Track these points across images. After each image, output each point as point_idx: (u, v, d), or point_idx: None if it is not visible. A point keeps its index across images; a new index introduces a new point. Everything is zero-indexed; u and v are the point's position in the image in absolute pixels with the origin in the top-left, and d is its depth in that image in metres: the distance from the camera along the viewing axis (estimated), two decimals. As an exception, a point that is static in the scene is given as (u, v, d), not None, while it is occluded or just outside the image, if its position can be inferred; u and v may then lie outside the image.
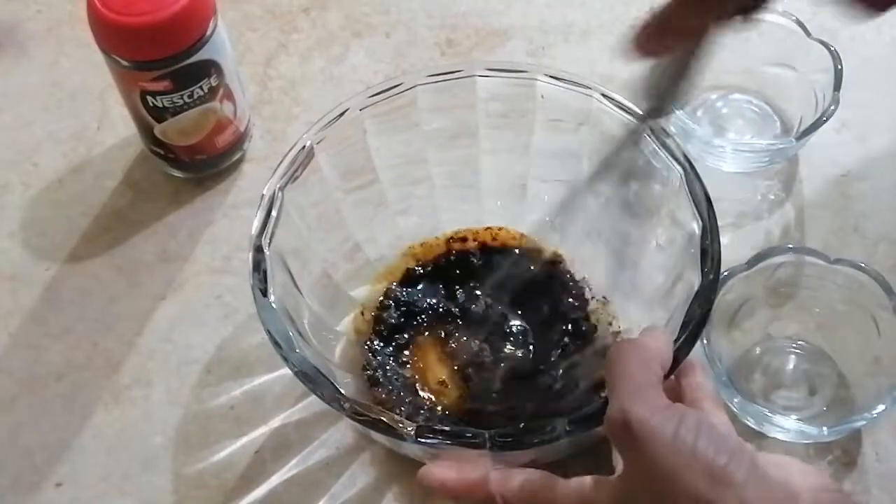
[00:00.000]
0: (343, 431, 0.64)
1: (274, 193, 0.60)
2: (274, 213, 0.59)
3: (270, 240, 0.59)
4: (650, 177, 0.61)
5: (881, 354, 0.62)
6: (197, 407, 0.66)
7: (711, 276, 0.56)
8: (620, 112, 0.62)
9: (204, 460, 0.64)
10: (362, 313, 0.67)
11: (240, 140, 0.75)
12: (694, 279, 0.57)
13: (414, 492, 0.63)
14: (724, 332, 0.64)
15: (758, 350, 0.66)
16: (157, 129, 0.71)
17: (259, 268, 0.58)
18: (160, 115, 0.70)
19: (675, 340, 0.54)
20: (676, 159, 0.60)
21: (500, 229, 0.69)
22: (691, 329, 0.54)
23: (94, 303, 0.71)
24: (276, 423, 0.65)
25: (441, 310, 0.66)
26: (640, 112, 0.59)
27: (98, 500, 0.63)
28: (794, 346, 0.66)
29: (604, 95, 0.62)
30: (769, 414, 0.60)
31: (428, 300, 0.67)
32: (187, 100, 0.69)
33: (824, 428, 0.59)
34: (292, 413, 0.65)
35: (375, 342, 0.65)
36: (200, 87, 0.69)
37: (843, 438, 0.62)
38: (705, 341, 0.60)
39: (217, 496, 0.63)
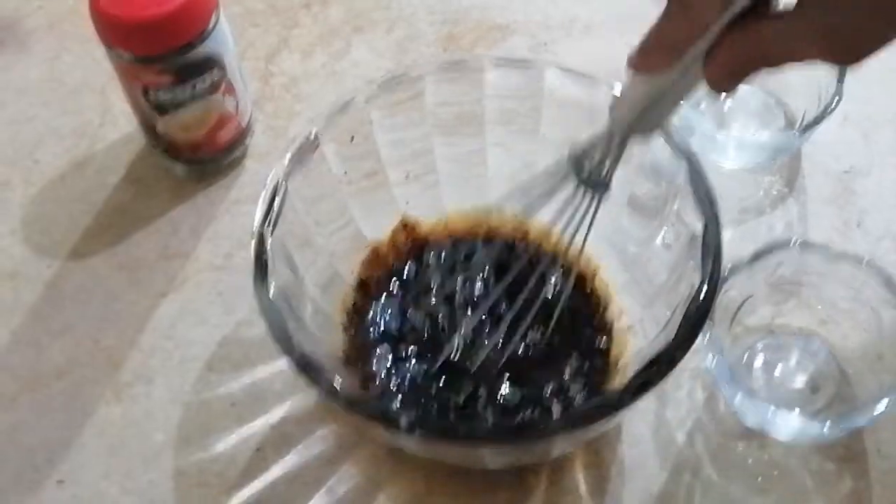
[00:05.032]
0: (345, 427, 0.64)
1: (278, 183, 0.60)
2: (277, 203, 0.59)
3: (273, 229, 0.59)
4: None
5: (884, 351, 0.62)
6: (198, 404, 0.66)
7: (713, 274, 0.56)
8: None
9: (205, 457, 0.64)
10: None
11: (242, 136, 0.75)
12: (696, 276, 0.57)
13: (415, 488, 0.63)
14: (727, 329, 0.64)
15: (760, 346, 0.66)
16: (160, 125, 0.71)
17: (260, 257, 0.57)
18: (162, 109, 0.70)
19: (675, 336, 0.54)
20: (681, 155, 0.60)
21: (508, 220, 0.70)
22: (691, 325, 0.54)
23: (96, 300, 0.71)
24: (277, 419, 0.65)
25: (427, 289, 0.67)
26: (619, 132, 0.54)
27: (99, 497, 0.63)
28: (797, 342, 0.66)
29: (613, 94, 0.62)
30: (771, 411, 0.60)
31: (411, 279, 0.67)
32: (189, 94, 0.69)
33: (826, 425, 0.59)
34: (293, 409, 0.65)
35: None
36: (203, 81, 0.69)
37: (846, 435, 0.62)
38: (707, 337, 0.60)
39: (219, 493, 0.63)
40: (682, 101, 0.50)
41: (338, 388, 0.54)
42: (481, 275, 0.67)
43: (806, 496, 0.61)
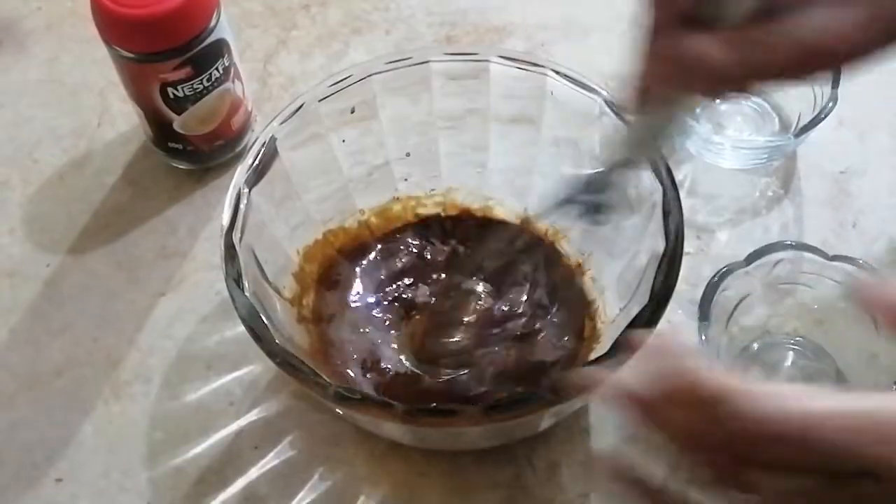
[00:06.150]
0: (341, 424, 0.65)
1: (240, 191, 0.60)
2: (242, 208, 0.60)
3: (241, 235, 0.59)
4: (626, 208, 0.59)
5: (879, 351, 0.62)
6: (197, 403, 0.66)
7: (674, 241, 0.57)
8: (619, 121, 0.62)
9: (204, 456, 0.64)
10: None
11: (249, 119, 0.76)
12: (659, 245, 0.57)
13: (411, 481, 0.63)
14: (723, 329, 0.64)
15: (756, 346, 0.66)
16: (177, 123, 0.71)
17: (234, 261, 0.58)
18: (181, 105, 0.70)
19: (643, 310, 0.55)
20: None
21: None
22: (659, 297, 0.55)
23: (94, 299, 0.71)
24: (274, 417, 0.65)
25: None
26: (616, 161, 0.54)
27: (98, 495, 0.64)
28: (793, 342, 0.66)
29: (606, 102, 0.62)
30: (767, 410, 0.60)
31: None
32: (206, 84, 0.69)
33: (822, 424, 0.59)
34: (290, 407, 0.66)
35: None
36: (217, 69, 0.69)
37: (841, 434, 0.62)
38: (703, 337, 0.60)
39: (217, 491, 0.63)
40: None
41: (323, 381, 0.54)
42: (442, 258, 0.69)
43: (801, 495, 0.62)
